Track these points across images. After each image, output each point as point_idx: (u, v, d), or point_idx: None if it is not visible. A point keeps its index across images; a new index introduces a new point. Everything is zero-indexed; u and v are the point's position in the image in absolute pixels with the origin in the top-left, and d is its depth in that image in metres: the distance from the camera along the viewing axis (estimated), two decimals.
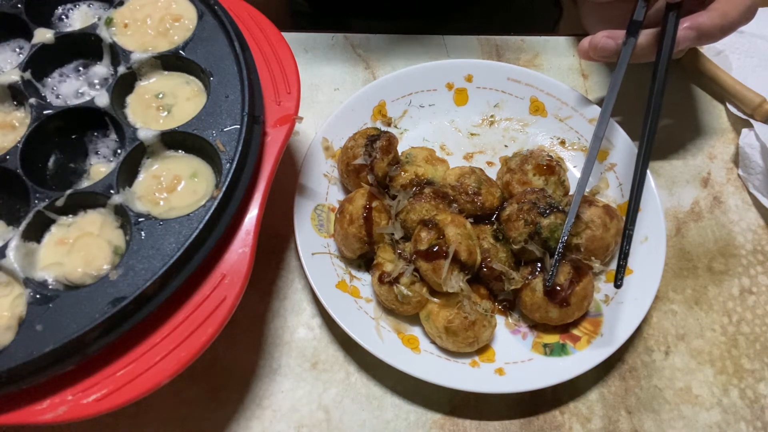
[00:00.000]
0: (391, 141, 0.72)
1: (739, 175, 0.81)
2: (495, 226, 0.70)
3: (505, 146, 0.81)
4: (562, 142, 0.80)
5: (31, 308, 0.51)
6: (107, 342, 0.50)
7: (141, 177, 0.60)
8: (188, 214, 0.55)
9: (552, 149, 0.80)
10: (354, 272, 0.71)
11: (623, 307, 0.68)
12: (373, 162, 0.70)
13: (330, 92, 0.86)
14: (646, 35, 0.70)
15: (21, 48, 0.66)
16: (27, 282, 0.52)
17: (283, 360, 0.68)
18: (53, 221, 0.57)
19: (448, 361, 0.65)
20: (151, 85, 0.64)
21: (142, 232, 0.54)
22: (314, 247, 0.69)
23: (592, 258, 0.69)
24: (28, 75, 0.62)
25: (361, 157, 0.71)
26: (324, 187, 0.75)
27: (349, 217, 0.68)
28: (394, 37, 0.91)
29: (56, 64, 0.65)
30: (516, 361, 0.65)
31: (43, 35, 0.64)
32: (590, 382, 0.67)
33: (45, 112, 0.60)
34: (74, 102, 0.62)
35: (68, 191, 0.56)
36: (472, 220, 0.69)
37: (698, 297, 0.73)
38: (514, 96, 0.82)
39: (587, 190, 0.75)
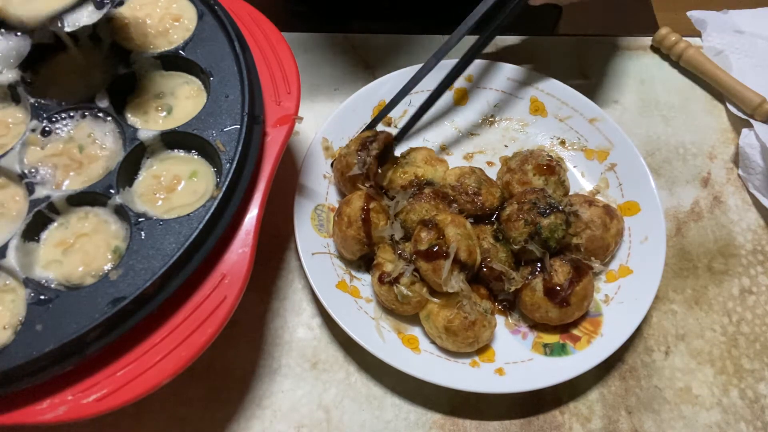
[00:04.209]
0: (386, 144, 0.71)
1: (739, 175, 0.81)
2: (495, 226, 0.70)
3: (505, 146, 0.81)
4: (562, 142, 0.80)
5: (31, 308, 0.51)
6: (107, 342, 0.50)
7: (141, 177, 0.60)
8: (188, 214, 0.55)
9: (552, 149, 0.80)
10: (354, 272, 0.71)
11: (623, 307, 0.68)
12: (368, 171, 0.70)
13: (330, 92, 0.86)
14: None
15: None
16: (27, 282, 0.52)
17: (283, 360, 0.68)
18: (53, 221, 0.57)
19: (448, 361, 0.65)
20: (151, 85, 0.64)
21: (142, 232, 0.54)
22: (314, 247, 0.69)
23: (592, 258, 0.69)
24: (28, 75, 0.62)
25: (355, 166, 0.70)
26: (324, 187, 0.75)
27: (347, 219, 0.68)
28: (394, 37, 0.91)
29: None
30: (516, 361, 0.65)
31: (43, 35, 0.64)
32: (590, 382, 0.67)
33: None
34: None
35: (68, 191, 0.57)
36: (472, 220, 0.69)
37: (698, 297, 0.73)
38: (514, 96, 0.82)
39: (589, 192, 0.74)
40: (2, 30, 0.66)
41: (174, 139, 0.60)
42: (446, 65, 0.82)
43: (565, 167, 0.75)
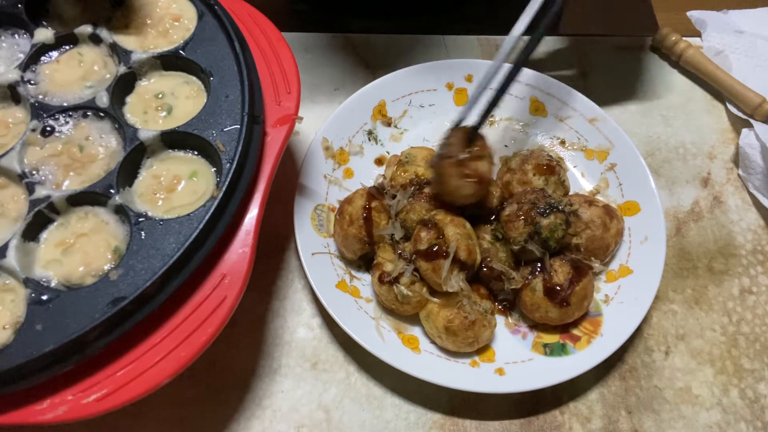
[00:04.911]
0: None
1: (739, 175, 0.81)
2: (495, 226, 0.70)
3: (505, 146, 0.81)
4: (562, 142, 0.80)
5: (31, 308, 0.51)
6: (107, 342, 0.50)
7: (141, 177, 0.60)
8: (188, 214, 0.55)
9: (552, 149, 0.80)
10: (354, 272, 0.71)
11: (623, 307, 0.68)
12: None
13: (330, 92, 0.86)
14: None
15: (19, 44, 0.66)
16: (27, 282, 0.52)
17: (283, 360, 0.68)
18: (53, 221, 0.57)
19: (448, 361, 0.65)
20: (151, 85, 0.64)
21: (142, 232, 0.54)
22: (314, 247, 0.69)
23: (592, 258, 0.69)
24: (28, 74, 0.63)
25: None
26: (324, 187, 0.75)
27: (348, 218, 0.68)
28: (394, 37, 0.91)
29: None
30: (516, 361, 0.65)
31: (44, 35, 0.64)
32: (590, 382, 0.67)
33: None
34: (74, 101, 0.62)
35: (68, 191, 0.57)
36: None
37: (698, 297, 0.73)
38: (514, 96, 0.82)
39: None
40: (3, 30, 0.66)
41: (174, 139, 0.60)
42: (447, 65, 0.82)
43: (565, 167, 0.75)
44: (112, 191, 0.56)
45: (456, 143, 0.66)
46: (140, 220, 0.55)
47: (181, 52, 0.64)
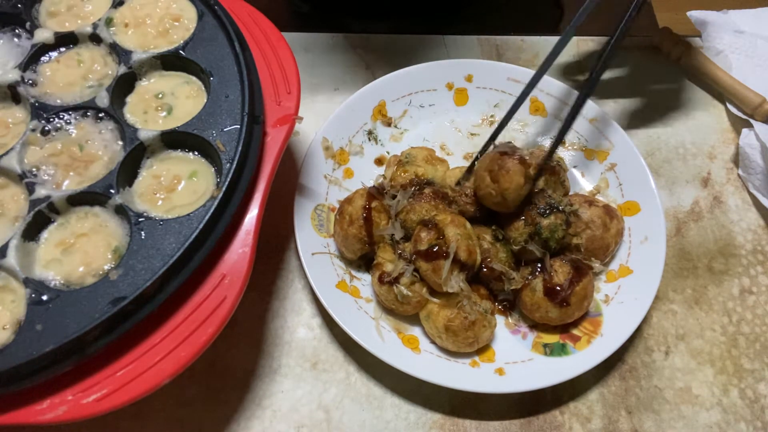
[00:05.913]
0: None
1: (739, 175, 0.81)
2: (494, 226, 0.70)
3: None
4: (562, 142, 0.80)
5: (31, 308, 0.51)
6: (107, 342, 0.50)
7: (141, 177, 0.60)
8: (188, 214, 0.55)
9: None
10: (354, 272, 0.71)
11: (623, 307, 0.68)
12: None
13: (330, 92, 0.86)
14: None
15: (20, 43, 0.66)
16: (27, 282, 0.52)
17: (283, 360, 0.68)
18: (53, 221, 0.57)
19: (448, 361, 0.65)
20: (151, 85, 0.64)
21: (142, 232, 0.54)
22: (314, 247, 0.69)
23: (592, 258, 0.69)
24: (28, 74, 0.63)
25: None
26: (324, 187, 0.75)
27: (348, 218, 0.68)
28: (394, 37, 0.91)
29: None
30: (516, 361, 0.65)
31: (44, 35, 0.64)
32: (590, 382, 0.67)
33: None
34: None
35: (68, 191, 0.57)
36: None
37: (698, 297, 0.73)
38: (514, 96, 0.82)
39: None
40: (5, 29, 0.66)
41: (174, 139, 0.60)
42: (447, 65, 0.82)
43: (565, 167, 0.75)
44: (112, 191, 0.56)
45: (515, 147, 0.65)
46: (140, 220, 0.55)
47: (181, 52, 0.64)
